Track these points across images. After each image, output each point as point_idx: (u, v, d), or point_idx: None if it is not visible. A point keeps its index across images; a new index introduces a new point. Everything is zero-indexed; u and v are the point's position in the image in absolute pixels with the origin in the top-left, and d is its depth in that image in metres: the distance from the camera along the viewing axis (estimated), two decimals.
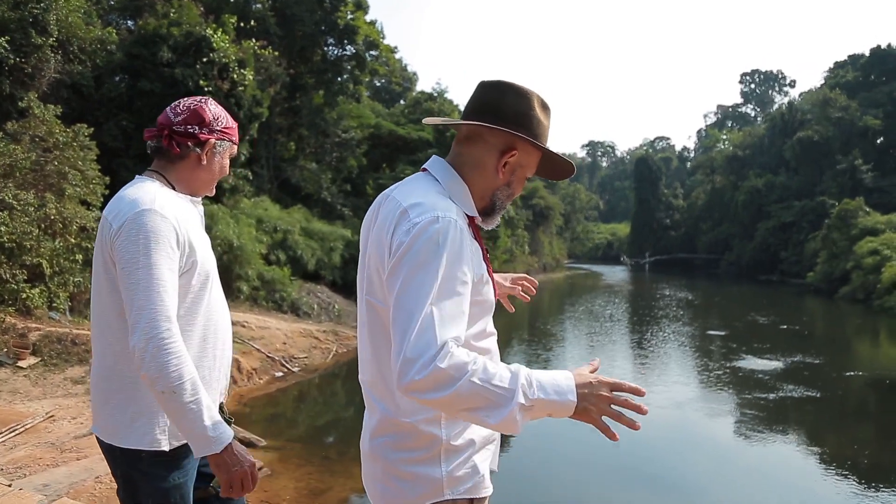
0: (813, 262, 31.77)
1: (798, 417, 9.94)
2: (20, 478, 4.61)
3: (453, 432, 1.41)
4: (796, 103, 50.68)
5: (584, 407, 1.25)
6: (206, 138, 1.83)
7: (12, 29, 12.01)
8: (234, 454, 1.64)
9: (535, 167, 1.52)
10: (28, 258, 8.42)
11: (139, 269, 1.60)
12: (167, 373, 1.55)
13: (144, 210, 1.64)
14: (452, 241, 1.29)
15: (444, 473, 1.40)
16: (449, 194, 1.42)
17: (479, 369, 1.20)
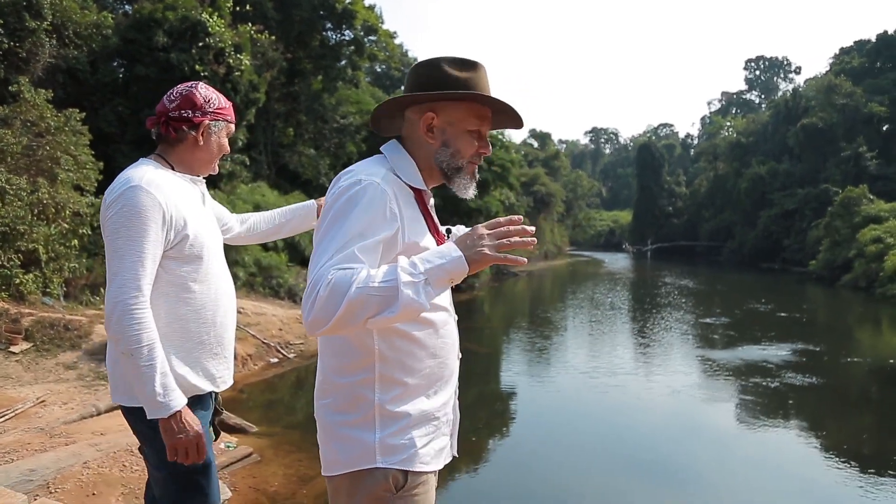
0: (815, 250, 31.63)
1: (799, 405, 9.90)
2: (7, 463, 4.58)
3: (387, 397, 1.44)
4: (801, 90, 50.30)
5: (474, 253, 1.27)
6: (199, 120, 1.96)
7: (6, 13, 11.91)
8: (181, 422, 1.75)
9: (472, 119, 1.52)
10: (23, 243, 8.38)
11: (119, 239, 1.74)
12: (127, 336, 1.69)
13: (132, 186, 1.77)
14: (370, 200, 1.36)
15: (377, 439, 1.43)
16: (392, 167, 1.49)
17: (361, 278, 1.24)
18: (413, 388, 1.47)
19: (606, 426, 8.90)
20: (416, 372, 1.47)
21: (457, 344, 1.62)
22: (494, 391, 11.24)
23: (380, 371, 1.45)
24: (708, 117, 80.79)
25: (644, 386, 10.79)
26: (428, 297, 1.25)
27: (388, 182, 1.42)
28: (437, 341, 1.51)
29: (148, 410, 1.74)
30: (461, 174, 1.54)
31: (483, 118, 1.53)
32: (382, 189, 1.39)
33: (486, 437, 8.74)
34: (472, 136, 1.52)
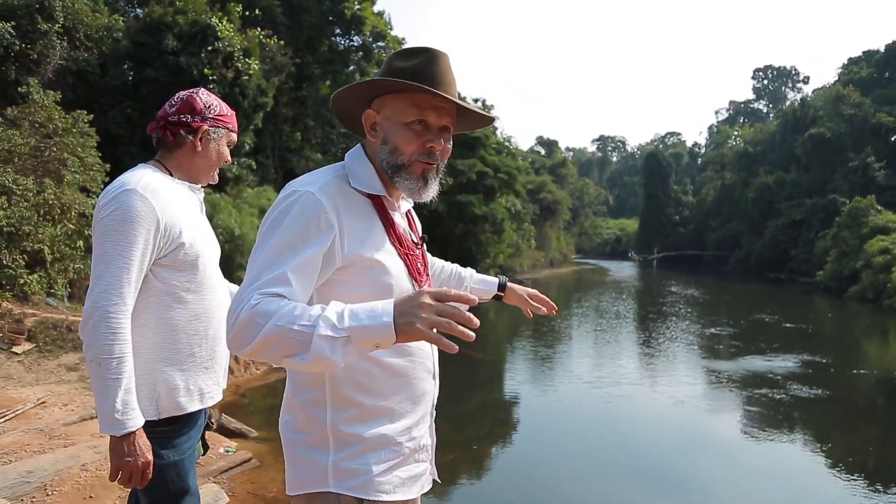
0: (823, 261, 31.50)
1: (805, 417, 9.82)
2: (6, 464, 4.57)
3: (340, 418, 1.35)
4: (809, 100, 50.20)
5: (406, 323, 1.11)
6: (198, 126, 1.91)
7: (19, 15, 12.01)
8: (132, 444, 1.66)
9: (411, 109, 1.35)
10: (28, 244, 8.41)
11: (108, 243, 1.68)
12: (99, 344, 1.62)
13: (127, 190, 1.71)
14: (299, 212, 1.27)
15: (331, 462, 1.35)
16: (347, 173, 1.39)
17: (286, 313, 1.14)
18: (370, 409, 1.35)
19: (610, 435, 8.84)
20: (373, 392, 1.35)
21: (432, 363, 1.48)
22: (497, 399, 11.20)
23: (331, 390, 1.35)
24: (715, 126, 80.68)
25: (649, 396, 10.72)
26: (345, 355, 1.14)
27: (328, 191, 1.31)
28: (400, 360, 1.38)
29: (102, 424, 1.66)
30: (403, 174, 1.37)
31: (426, 107, 1.34)
32: (315, 199, 1.28)
33: (489, 445, 8.70)
34: (412, 129, 1.35)
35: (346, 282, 1.32)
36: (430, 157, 1.38)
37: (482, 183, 23.19)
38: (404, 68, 1.34)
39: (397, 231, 1.41)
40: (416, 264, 1.43)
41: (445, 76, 1.36)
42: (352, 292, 1.29)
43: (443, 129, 1.39)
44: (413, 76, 1.32)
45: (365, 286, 1.31)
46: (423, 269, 1.47)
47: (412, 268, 1.41)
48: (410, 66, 1.34)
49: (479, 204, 22.68)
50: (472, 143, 24.21)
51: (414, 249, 1.45)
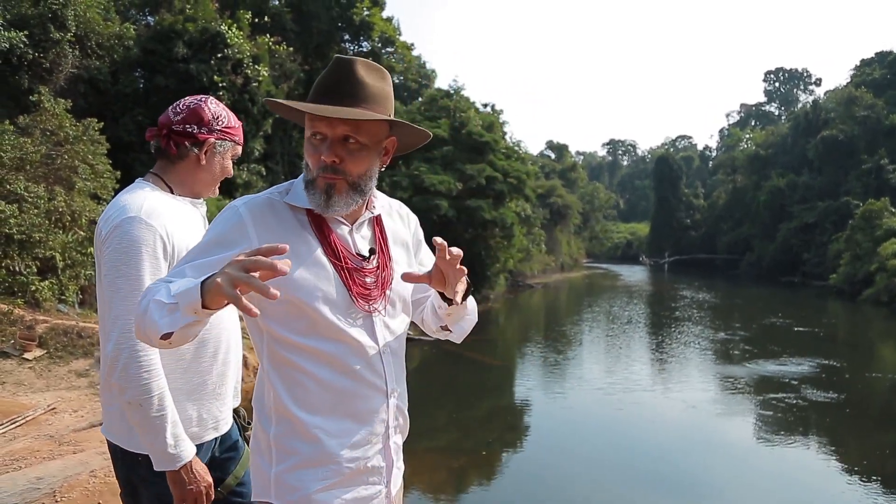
0: (836, 264, 31.22)
1: (819, 421, 9.73)
2: (16, 470, 4.60)
3: (280, 430, 1.34)
4: (821, 102, 49.81)
5: (209, 281, 1.07)
6: (204, 138, 1.80)
7: (32, 24, 12.15)
8: (191, 472, 1.65)
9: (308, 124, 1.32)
10: (40, 251, 8.48)
11: (119, 278, 1.61)
12: (136, 385, 1.57)
13: (129, 218, 1.63)
14: (219, 221, 1.33)
15: (273, 474, 1.35)
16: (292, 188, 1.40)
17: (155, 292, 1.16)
18: (304, 423, 1.32)
19: (622, 440, 8.79)
20: (307, 405, 1.32)
21: (381, 381, 1.39)
22: (508, 404, 11.17)
23: (274, 400, 1.34)
24: (726, 129, 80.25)
25: (661, 401, 10.66)
26: (173, 323, 1.11)
27: (253, 205, 1.33)
28: (331, 374, 1.33)
29: (156, 462, 1.63)
30: (311, 187, 1.33)
31: (315, 119, 1.30)
32: (237, 211, 1.32)
33: (499, 450, 8.68)
34: (312, 142, 1.32)
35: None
36: (330, 171, 1.30)
37: (491, 188, 23.16)
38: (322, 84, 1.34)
39: (334, 244, 1.36)
40: (358, 277, 1.37)
41: (337, 84, 1.31)
42: (279, 306, 1.28)
43: (344, 139, 1.30)
44: (313, 89, 1.34)
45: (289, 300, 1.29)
46: (377, 282, 1.40)
47: (352, 281, 1.36)
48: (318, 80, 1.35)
49: (489, 209, 22.64)
50: (482, 149, 24.20)
51: (359, 262, 1.39)
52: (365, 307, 1.37)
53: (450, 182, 22.04)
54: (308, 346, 1.32)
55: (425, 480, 7.33)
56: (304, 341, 1.31)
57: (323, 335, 1.32)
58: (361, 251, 1.41)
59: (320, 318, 1.31)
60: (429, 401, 11.14)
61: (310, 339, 1.32)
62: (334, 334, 1.33)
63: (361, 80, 1.32)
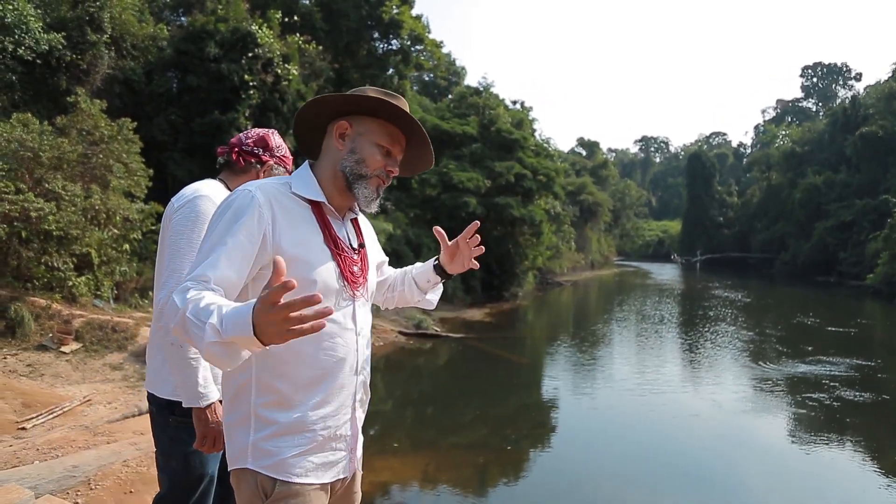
0: (873, 264, 30.45)
1: (855, 423, 9.53)
2: (53, 459, 4.75)
3: (261, 401, 1.47)
4: (860, 97, 48.56)
5: (263, 332, 1.17)
6: (266, 160, 2.22)
7: (70, 27, 12.46)
8: (214, 412, 1.91)
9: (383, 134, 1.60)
10: (77, 247, 8.71)
11: (182, 240, 1.92)
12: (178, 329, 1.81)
13: (201, 196, 1.99)
14: (237, 206, 1.44)
15: (250, 441, 1.47)
16: (289, 182, 1.57)
17: (195, 304, 1.25)
18: (287, 395, 1.47)
19: (651, 439, 8.72)
20: (290, 380, 1.47)
21: (354, 359, 1.57)
22: (535, 402, 11.15)
23: (256, 374, 1.47)
24: (762, 126, 78.75)
25: (692, 401, 10.54)
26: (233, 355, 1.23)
27: (265, 190, 1.49)
28: (317, 353, 1.49)
29: (186, 399, 1.90)
30: (363, 183, 1.57)
31: (394, 138, 1.60)
32: (252, 195, 1.46)
33: (526, 447, 8.68)
34: (381, 150, 1.58)
35: None
36: (386, 177, 1.60)
37: (520, 185, 23.07)
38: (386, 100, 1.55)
39: (333, 234, 1.56)
40: (351, 266, 1.57)
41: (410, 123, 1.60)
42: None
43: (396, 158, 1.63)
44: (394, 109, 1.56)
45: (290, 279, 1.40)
46: (361, 272, 1.61)
47: (345, 269, 1.55)
48: (391, 101, 1.55)
49: (518, 206, 22.56)
50: (511, 146, 24.14)
51: (352, 253, 1.60)
52: (352, 292, 1.56)
53: (478, 179, 22.03)
54: None
55: (451, 476, 7.36)
56: None
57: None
58: (352, 243, 1.64)
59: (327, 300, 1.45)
60: (455, 397, 11.17)
61: None
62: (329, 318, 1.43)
63: None
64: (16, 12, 10.51)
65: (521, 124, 26.21)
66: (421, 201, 21.70)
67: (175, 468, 2.04)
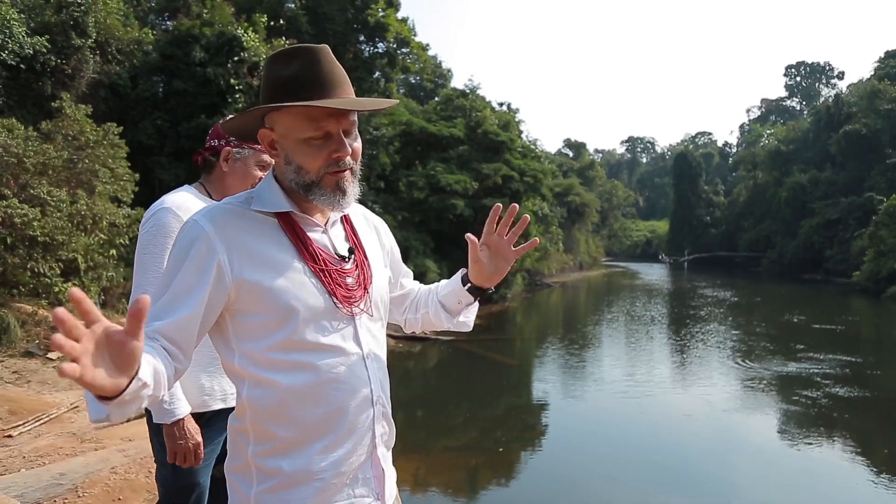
0: (859, 261, 30.78)
1: (843, 419, 9.63)
2: (40, 466, 4.71)
3: (259, 449, 1.26)
4: (844, 96, 49.07)
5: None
6: (222, 148, 2.07)
7: (54, 31, 12.38)
8: (183, 429, 1.88)
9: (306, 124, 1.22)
10: (63, 253, 8.66)
11: (145, 255, 1.89)
12: None
13: (163, 208, 1.93)
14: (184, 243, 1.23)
15: (253, 494, 1.26)
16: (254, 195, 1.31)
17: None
18: (288, 441, 1.25)
19: (642, 439, 8.76)
20: (289, 423, 1.24)
21: (366, 389, 1.31)
22: (525, 404, 11.17)
23: (251, 420, 1.26)
24: (747, 125, 79.35)
25: (682, 400, 10.60)
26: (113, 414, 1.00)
27: (213, 216, 1.25)
28: (318, 388, 1.25)
29: (154, 414, 1.89)
30: (316, 191, 1.26)
31: (322, 118, 1.22)
32: (197, 226, 1.23)
33: (517, 449, 8.69)
34: (312, 144, 1.23)
35: (248, 311, 1.23)
36: (339, 166, 1.26)
37: (508, 187, 23.17)
38: (287, 77, 1.22)
39: (311, 247, 1.29)
40: (341, 279, 1.31)
41: (333, 75, 1.25)
42: (257, 321, 1.23)
43: (346, 132, 1.26)
44: (299, 84, 1.21)
45: (268, 312, 1.22)
46: (358, 282, 1.34)
47: (333, 283, 1.29)
48: (292, 73, 1.21)
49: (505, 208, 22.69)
50: (498, 147, 24.22)
51: (338, 263, 1.32)
52: (348, 311, 1.30)
53: (466, 181, 22.07)
54: (288, 361, 1.24)
55: (442, 479, 7.36)
56: (283, 356, 1.23)
57: (304, 347, 1.24)
58: (340, 251, 1.35)
59: (302, 328, 1.24)
60: (445, 400, 11.17)
61: (290, 353, 1.24)
62: (316, 344, 1.26)
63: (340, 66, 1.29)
64: None
65: (507, 126, 26.28)
66: (409, 204, 21.71)
67: (165, 475, 2.05)
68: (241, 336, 1.25)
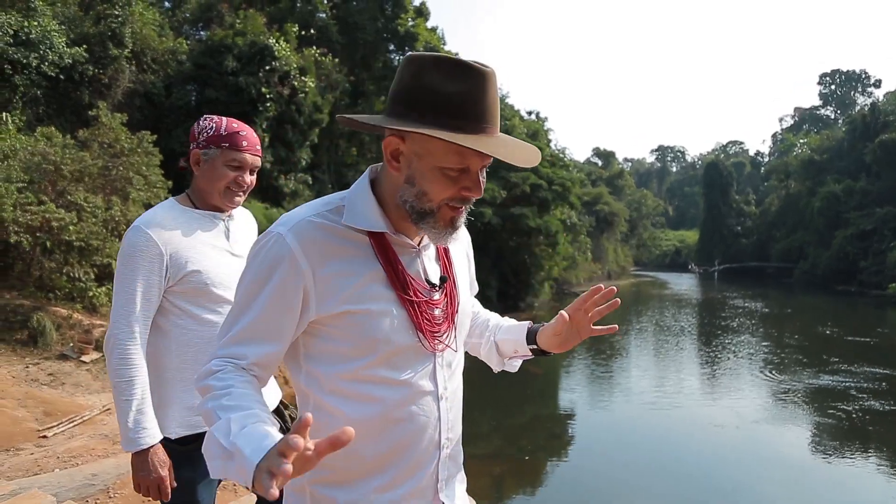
0: (895, 273, 30.07)
1: (879, 433, 9.42)
2: (73, 466, 4.82)
3: (315, 476, 1.17)
4: (880, 104, 48.08)
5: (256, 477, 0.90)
6: (193, 151, 1.93)
7: (92, 42, 12.72)
8: (146, 461, 1.77)
9: (450, 156, 1.10)
10: (98, 258, 8.86)
11: (117, 280, 1.81)
12: (113, 368, 1.77)
13: (133, 227, 1.82)
14: (265, 255, 1.13)
15: None
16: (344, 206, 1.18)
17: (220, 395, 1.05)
18: (345, 472, 1.18)
19: (670, 449, 8.66)
20: (348, 455, 1.11)
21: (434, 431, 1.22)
22: (551, 413, 11.11)
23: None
24: (780, 134, 78.15)
25: (711, 412, 10.45)
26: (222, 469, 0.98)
27: (302, 231, 1.13)
28: (384, 425, 1.17)
29: (122, 442, 1.79)
30: (430, 220, 1.14)
31: (468, 154, 1.09)
32: (283, 242, 1.12)
33: (543, 457, 8.65)
34: (449, 174, 1.11)
35: (327, 334, 1.15)
36: (463, 203, 1.15)
37: (536, 195, 23.12)
38: (449, 94, 1.07)
39: (402, 274, 1.17)
40: (427, 312, 1.20)
41: (495, 107, 1.12)
42: (332, 346, 1.15)
43: (482, 169, 1.15)
44: (460, 109, 1.07)
45: (346, 340, 1.15)
46: (445, 316, 1.23)
47: (419, 318, 1.18)
48: (456, 92, 1.07)
49: (534, 216, 22.60)
50: None
51: (429, 293, 1.21)
52: (430, 346, 1.20)
53: (494, 189, 22.10)
54: (356, 393, 1.16)
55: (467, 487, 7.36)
56: (352, 387, 1.16)
57: (376, 380, 1.16)
58: (431, 279, 1.23)
59: (379, 362, 1.15)
60: (471, 408, 11.09)
61: (361, 384, 1.16)
62: (390, 380, 1.17)
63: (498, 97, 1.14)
64: (40, 28, 10.75)
65: (536, 135, 26.26)
66: None
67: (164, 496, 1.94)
68: (311, 357, 1.18)
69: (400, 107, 1.11)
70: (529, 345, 1.47)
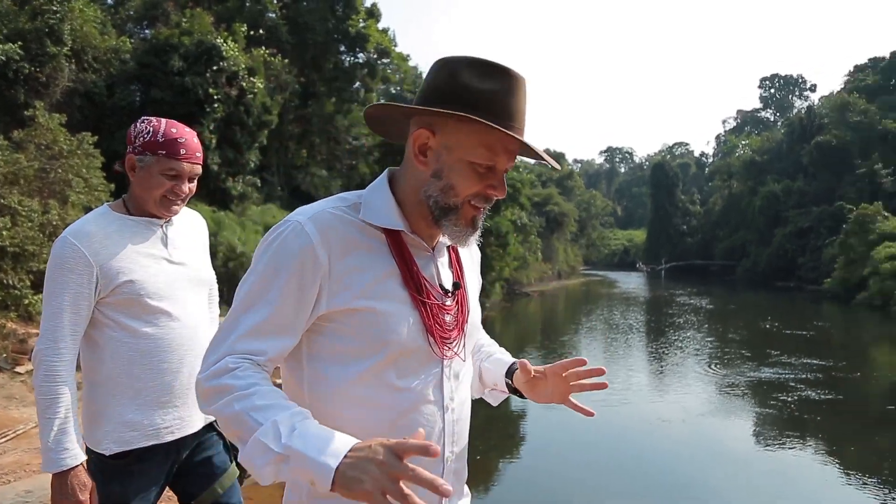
0: (830, 269, 31.45)
1: (816, 423, 9.80)
2: (4, 483, 4.63)
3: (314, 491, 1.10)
4: (815, 108, 50.11)
5: (351, 478, 0.89)
6: (127, 155, 1.84)
7: (28, 38, 12.22)
8: (66, 483, 1.69)
9: (480, 149, 1.11)
10: (34, 264, 8.53)
11: (45, 294, 1.74)
12: (37, 385, 1.71)
13: (61, 238, 1.75)
14: (282, 245, 1.09)
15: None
16: (361, 203, 1.17)
17: (248, 395, 1.00)
18: None
19: (620, 446, 8.82)
20: None
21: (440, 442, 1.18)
22: (504, 413, 11.16)
23: None
24: (723, 136, 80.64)
25: (659, 407, 10.69)
26: (277, 475, 0.96)
27: (321, 221, 1.10)
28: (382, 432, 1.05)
29: (42, 461, 1.72)
30: (452, 217, 1.14)
31: (501, 151, 1.12)
32: (303, 231, 1.08)
33: (495, 457, 8.69)
34: (477, 169, 1.12)
35: (334, 331, 1.11)
36: (486, 202, 1.16)
37: None
38: (481, 91, 1.09)
39: (417, 275, 1.15)
40: (440, 316, 1.17)
41: (524, 111, 1.14)
42: (339, 345, 1.11)
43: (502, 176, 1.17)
44: (492, 105, 1.09)
45: (355, 339, 1.11)
46: (456, 322, 1.21)
47: (431, 320, 1.15)
48: (488, 89, 1.09)
49: (485, 217, 22.78)
50: None
51: (442, 298, 1.19)
52: (440, 352, 1.16)
53: None
54: (358, 396, 1.11)
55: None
56: (353, 389, 1.12)
57: (380, 384, 1.12)
58: (444, 283, 1.21)
59: (386, 364, 1.11)
60: None
61: (364, 387, 1.11)
62: (395, 385, 1.13)
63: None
64: None
65: None
66: None
67: None
68: (315, 356, 1.13)
69: (433, 105, 1.10)
70: (506, 378, 1.42)
